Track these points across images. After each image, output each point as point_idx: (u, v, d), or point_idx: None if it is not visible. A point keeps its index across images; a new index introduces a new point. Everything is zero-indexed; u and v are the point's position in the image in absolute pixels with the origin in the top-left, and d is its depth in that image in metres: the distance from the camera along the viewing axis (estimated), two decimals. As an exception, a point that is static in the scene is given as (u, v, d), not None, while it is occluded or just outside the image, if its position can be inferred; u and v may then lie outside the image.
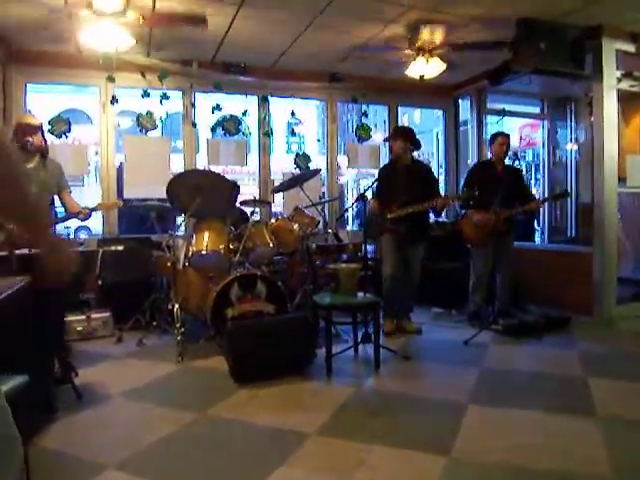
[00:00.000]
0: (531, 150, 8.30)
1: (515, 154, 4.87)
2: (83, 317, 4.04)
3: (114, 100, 4.93)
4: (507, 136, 4.34)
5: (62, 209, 3.71)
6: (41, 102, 8.00)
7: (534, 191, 7.91)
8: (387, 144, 4.34)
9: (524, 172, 7.33)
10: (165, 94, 5.05)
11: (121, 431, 2.43)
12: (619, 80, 4.38)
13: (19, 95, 4.67)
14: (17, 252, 2.62)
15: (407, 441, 2.25)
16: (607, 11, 3.88)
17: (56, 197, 3.58)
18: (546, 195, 6.46)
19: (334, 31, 4.32)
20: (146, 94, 5.01)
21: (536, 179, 7.43)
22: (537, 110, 6.71)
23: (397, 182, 3.95)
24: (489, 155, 4.51)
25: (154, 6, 3.77)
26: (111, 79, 4.83)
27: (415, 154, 4.34)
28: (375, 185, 4.03)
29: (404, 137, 3.96)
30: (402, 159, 4.00)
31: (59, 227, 3.62)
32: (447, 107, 6.31)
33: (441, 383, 3.02)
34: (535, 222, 6.48)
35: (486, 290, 4.31)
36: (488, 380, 3.05)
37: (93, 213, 3.63)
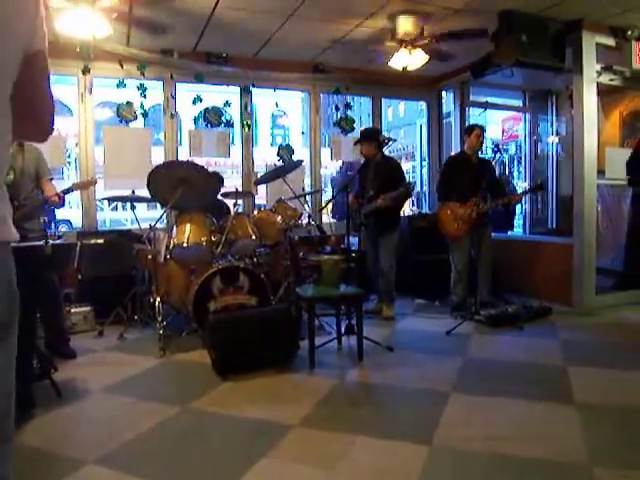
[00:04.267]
0: (513, 143, 8.38)
1: (497, 146, 4.90)
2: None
3: (90, 90, 4.81)
4: (483, 128, 4.44)
5: None
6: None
7: (517, 184, 8.00)
8: (358, 146, 4.57)
9: (505, 164, 7.41)
10: (142, 85, 4.95)
11: (101, 426, 2.40)
12: (599, 74, 4.44)
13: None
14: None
15: (390, 431, 2.26)
16: (588, 5, 3.92)
17: None
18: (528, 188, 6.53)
19: (317, 21, 4.28)
20: (122, 84, 4.89)
21: (518, 172, 7.51)
22: (519, 103, 6.77)
23: (367, 178, 4.36)
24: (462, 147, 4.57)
25: (130, 10, 3.72)
26: (87, 69, 4.71)
27: (399, 146, 4.45)
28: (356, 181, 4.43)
29: (369, 140, 4.34)
30: (372, 157, 4.36)
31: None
32: (430, 99, 6.32)
33: (424, 373, 3.04)
34: (514, 211, 6.55)
35: (467, 281, 4.37)
36: (470, 369, 3.08)
37: (75, 197, 3.52)
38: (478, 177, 4.15)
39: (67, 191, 3.36)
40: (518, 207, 6.40)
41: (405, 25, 4.06)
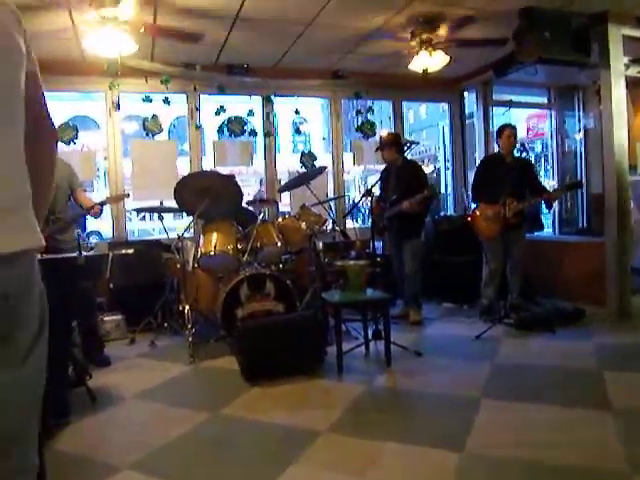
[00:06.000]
0: (539, 141, 8.20)
1: (523, 145, 4.78)
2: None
3: (117, 106, 4.96)
4: (514, 128, 4.30)
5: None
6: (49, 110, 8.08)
7: (545, 183, 7.79)
8: (379, 152, 4.56)
9: (534, 163, 7.23)
10: (167, 98, 5.07)
11: (135, 432, 2.46)
12: (627, 67, 4.31)
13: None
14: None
15: (420, 438, 2.23)
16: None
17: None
18: (557, 187, 6.36)
19: (335, 28, 4.30)
20: (148, 99, 5.04)
21: (545, 170, 7.33)
22: (544, 100, 6.61)
23: (389, 182, 4.36)
24: (496, 148, 4.47)
25: (155, 20, 3.86)
26: (114, 85, 4.86)
27: (422, 148, 4.44)
28: (379, 186, 4.45)
29: (389, 146, 4.37)
30: (394, 162, 4.38)
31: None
32: (452, 100, 6.24)
33: (453, 379, 2.99)
34: (546, 210, 6.38)
35: (498, 284, 4.28)
36: (501, 375, 3.02)
37: (104, 209, 3.65)
38: (514, 177, 4.02)
39: (102, 203, 3.52)
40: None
41: (425, 27, 4.04)
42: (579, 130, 6.50)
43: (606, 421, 2.31)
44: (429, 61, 4.25)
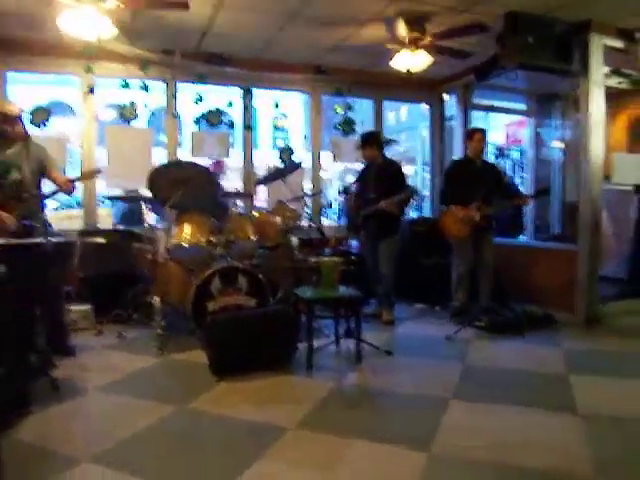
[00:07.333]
0: (517, 148, 8.33)
1: (500, 150, 4.86)
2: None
3: (92, 90, 4.81)
4: (484, 132, 4.39)
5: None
6: (25, 94, 7.83)
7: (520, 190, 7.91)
8: (359, 150, 4.50)
9: (508, 170, 7.35)
10: (145, 84, 4.95)
11: (98, 424, 2.41)
12: (607, 77, 4.38)
13: (-1, 83, 4.54)
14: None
15: (388, 436, 2.22)
16: (596, 6, 3.86)
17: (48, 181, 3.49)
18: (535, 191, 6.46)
19: (318, 22, 4.26)
20: (126, 85, 4.91)
21: (521, 177, 7.45)
22: (524, 107, 6.72)
23: (368, 180, 4.31)
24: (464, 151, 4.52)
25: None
26: (89, 69, 4.72)
27: (401, 149, 4.44)
28: (355, 183, 4.40)
29: (370, 144, 4.31)
30: (374, 160, 4.32)
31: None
32: (433, 102, 6.27)
33: (423, 378, 3.00)
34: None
35: (469, 286, 4.32)
36: (471, 376, 3.04)
37: (77, 185, 3.55)
38: (482, 181, 4.11)
39: (74, 180, 3.43)
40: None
41: (406, 25, 4.03)
42: (557, 138, 6.62)
43: (573, 424, 2.34)
44: (411, 60, 4.25)
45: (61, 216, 5.16)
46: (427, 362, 3.30)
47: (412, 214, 5.73)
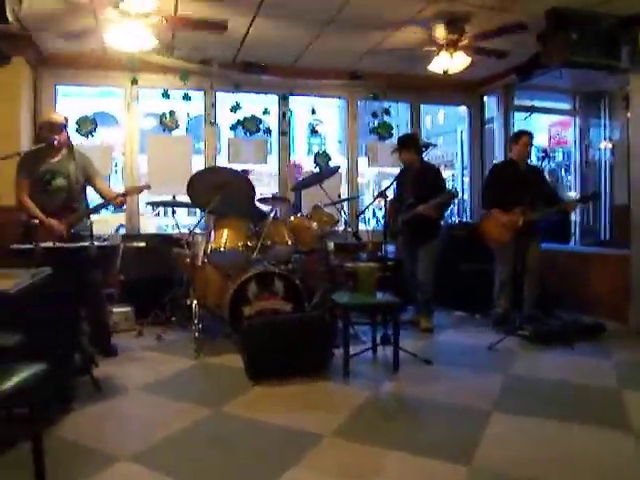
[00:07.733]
0: (561, 150, 8.01)
1: (545, 151, 4.68)
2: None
3: (135, 100, 4.98)
4: (532, 136, 4.23)
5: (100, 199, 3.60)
6: (72, 106, 8.21)
7: (570, 194, 7.57)
8: (395, 155, 4.42)
9: (551, 173, 7.06)
10: (187, 94, 5.08)
11: (136, 423, 2.46)
12: (658, 72, 4.15)
13: (49, 97, 4.80)
14: (41, 245, 2.68)
15: (426, 448, 2.14)
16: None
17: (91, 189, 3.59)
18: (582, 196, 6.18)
19: (353, 27, 4.24)
20: (166, 95, 5.06)
21: (567, 180, 7.15)
22: (568, 106, 6.45)
23: (406, 184, 4.23)
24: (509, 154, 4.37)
25: (175, 11, 3.83)
26: (135, 81, 4.90)
27: (438, 153, 4.35)
28: (393, 188, 4.29)
29: (407, 147, 4.24)
30: (412, 164, 4.25)
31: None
32: (472, 104, 6.12)
33: (463, 389, 2.89)
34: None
35: (512, 294, 4.15)
36: (514, 388, 2.90)
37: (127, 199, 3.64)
38: (526, 185, 3.95)
39: (124, 194, 3.53)
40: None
41: (446, 27, 3.96)
42: (604, 139, 6.32)
43: (624, 443, 2.18)
44: (450, 63, 4.16)
45: (102, 220, 5.37)
46: (467, 372, 3.18)
47: (451, 218, 5.59)
